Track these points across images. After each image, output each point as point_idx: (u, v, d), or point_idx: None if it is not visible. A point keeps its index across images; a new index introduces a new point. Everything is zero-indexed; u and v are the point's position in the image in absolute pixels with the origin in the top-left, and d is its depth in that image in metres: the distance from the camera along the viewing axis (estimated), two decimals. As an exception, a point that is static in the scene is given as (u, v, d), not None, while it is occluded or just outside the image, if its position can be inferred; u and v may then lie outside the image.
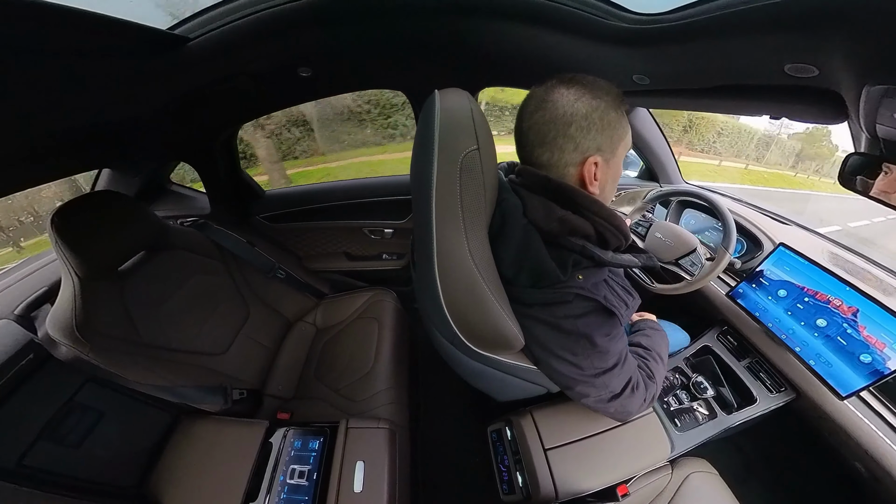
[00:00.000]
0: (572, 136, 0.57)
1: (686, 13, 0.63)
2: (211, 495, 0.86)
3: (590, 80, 0.59)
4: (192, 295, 1.15)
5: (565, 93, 0.57)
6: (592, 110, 0.56)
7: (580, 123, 0.56)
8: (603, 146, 0.58)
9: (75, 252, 0.85)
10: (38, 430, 0.75)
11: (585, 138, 0.57)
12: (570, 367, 0.64)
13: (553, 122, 0.57)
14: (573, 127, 0.56)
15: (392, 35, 0.92)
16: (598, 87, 0.58)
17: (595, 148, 0.58)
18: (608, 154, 0.59)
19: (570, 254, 0.57)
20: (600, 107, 0.57)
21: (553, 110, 0.57)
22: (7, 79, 0.53)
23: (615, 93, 0.59)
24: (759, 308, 0.94)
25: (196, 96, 0.96)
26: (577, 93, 0.57)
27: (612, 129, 0.58)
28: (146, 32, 0.66)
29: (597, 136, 0.57)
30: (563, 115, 0.56)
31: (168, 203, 1.52)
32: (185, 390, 0.97)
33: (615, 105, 0.58)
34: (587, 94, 0.57)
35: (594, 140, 0.57)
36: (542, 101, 0.58)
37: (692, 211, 1.24)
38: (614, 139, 0.59)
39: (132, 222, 1.00)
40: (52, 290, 0.95)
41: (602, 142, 0.58)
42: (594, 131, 0.57)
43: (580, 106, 0.56)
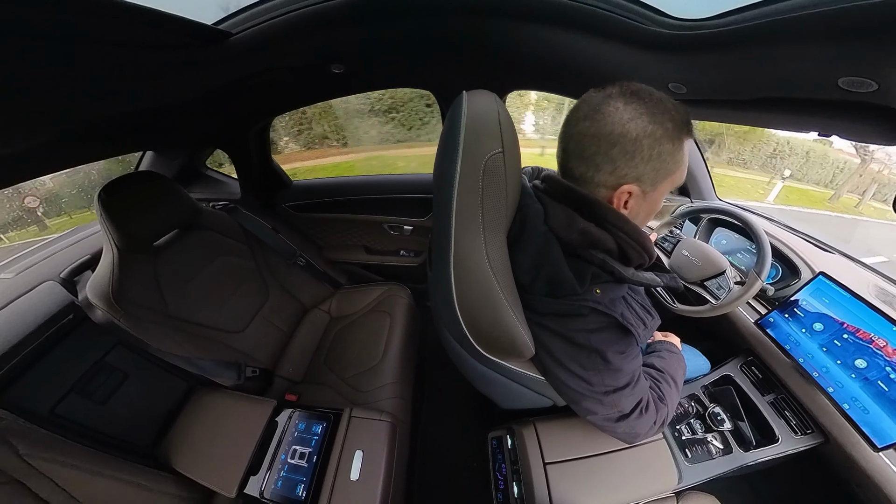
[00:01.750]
0: (613, 158, 0.52)
1: (730, 19, 0.59)
2: (217, 464, 0.91)
3: (656, 98, 0.52)
4: (218, 274, 1.22)
5: (621, 108, 0.51)
6: (644, 136, 0.51)
7: (625, 147, 0.51)
8: (644, 177, 0.53)
9: (117, 225, 0.93)
10: (71, 383, 0.83)
11: (627, 164, 0.52)
12: (579, 381, 0.62)
13: (596, 138, 0.53)
14: (617, 148, 0.52)
15: (423, 35, 0.93)
16: (661, 110, 0.51)
17: (634, 177, 0.53)
18: (647, 187, 0.55)
19: (589, 266, 0.56)
20: (655, 134, 0.51)
21: (601, 124, 0.52)
22: (68, 66, 0.58)
23: (680, 119, 0.52)
24: (790, 341, 0.87)
25: (234, 88, 1.02)
26: (634, 111, 0.51)
27: (660, 162, 0.52)
28: (194, 27, 0.70)
29: (640, 165, 0.52)
30: (610, 133, 0.51)
31: (202, 186, 1.62)
32: (203, 362, 1.03)
33: (674, 135, 0.52)
34: (645, 115, 0.51)
35: (636, 168, 0.53)
36: (594, 111, 0.54)
37: (724, 230, 1.17)
38: (660, 173, 0.54)
39: (169, 202, 1.08)
40: (95, 259, 1.05)
41: (644, 172, 0.53)
42: (638, 159, 0.52)
43: (632, 128, 0.51)
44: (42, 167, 0.89)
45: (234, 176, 1.60)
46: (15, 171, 0.82)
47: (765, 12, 0.54)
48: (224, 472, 0.89)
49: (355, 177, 1.71)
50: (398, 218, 1.63)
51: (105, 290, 0.91)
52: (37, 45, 0.49)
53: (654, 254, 0.62)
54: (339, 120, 6.14)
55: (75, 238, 1.19)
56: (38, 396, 0.78)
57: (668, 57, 0.72)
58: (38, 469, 0.68)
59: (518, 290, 0.62)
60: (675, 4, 0.70)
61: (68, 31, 0.50)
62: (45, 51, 0.51)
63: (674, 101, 0.54)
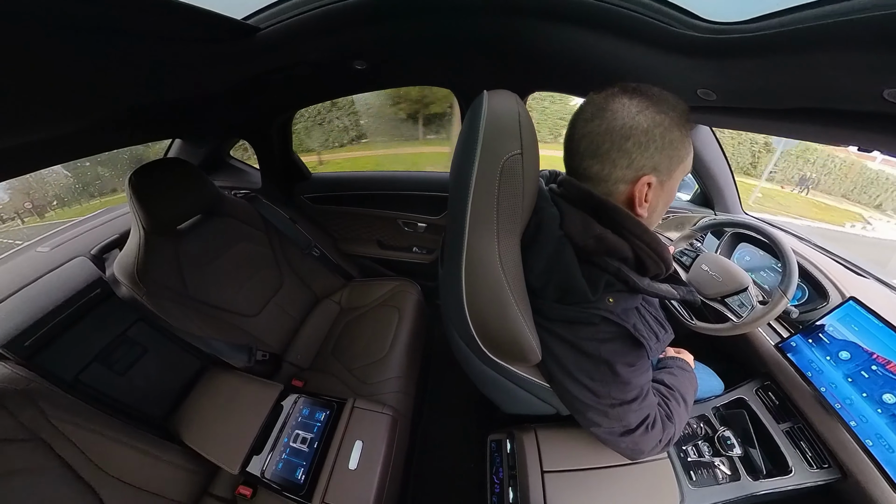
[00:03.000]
0: (628, 150, 0.53)
1: (767, 23, 0.56)
2: (223, 440, 0.95)
3: (655, 92, 0.54)
4: (236, 260, 1.26)
5: (627, 103, 0.53)
6: (654, 126, 0.52)
7: (639, 139, 0.52)
8: (660, 166, 0.54)
9: (145, 208, 0.98)
10: (95, 353, 0.89)
11: (642, 155, 0.53)
12: (585, 391, 0.60)
13: (609, 133, 0.53)
14: (630, 141, 0.52)
15: (446, 33, 0.93)
16: (664, 102, 0.53)
17: (651, 167, 0.54)
18: (664, 175, 0.55)
19: (603, 274, 0.54)
20: (664, 123, 0.52)
21: (611, 120, 0.53)
22: (110, 57, 0.62)
23: (682, 109, 0.54)
24: (812, 368, 0.82)
25: (260, 81, 1.05)
26: (639, 105, 0.53)
27: (672, 150, 0.53)
28: (224, 22, 0.73)
29: (655, 155, 0.53)
30: (622, 127, 0.52)
31: (226, 175, 1.69)
32: (217, 343, 1.08)
33: (680, 123, 0.53)
34: (651, 107, 0.52)
35: (651, 158, 0.53)
36: (601, 110, 0.54)
37: (748, 246, 1.11)
38: (673, 160, 0.54)
39: (194, 188, 1.13)
40: (123, 238, 1.11)
41: (660, 161, 0.54)
42: (653, 149, 0.53)
43: (641, 119, 0.52)
44: (83, 149, 0.95)
45: (256, 166, 1.66)
46: (63, 152, 0.89)
47: (804, 17, 0.51)
48: (229, 449, 0.93)
49: (373, 172, 1.74)
50: (413, 215, 1.64)
51: (130, 269, 0.96)
52: (83, 36, 0.52)
53: (672, 265, 0.60)
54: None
55: (106, 217, 1.27)
56: (64, 363, 0.84)
57: (698, 61, 0.68)
58: (61, 430, 0.73)
59: (529, 295, 0.61)
60: (708, 7, 0.67)
61: (112, 24, 0.53)
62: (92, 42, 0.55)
63: (672, 94, 0.55)
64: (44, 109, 0.66)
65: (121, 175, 2.08)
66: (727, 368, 1.00)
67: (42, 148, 0.79)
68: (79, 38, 0.52)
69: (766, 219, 1.19)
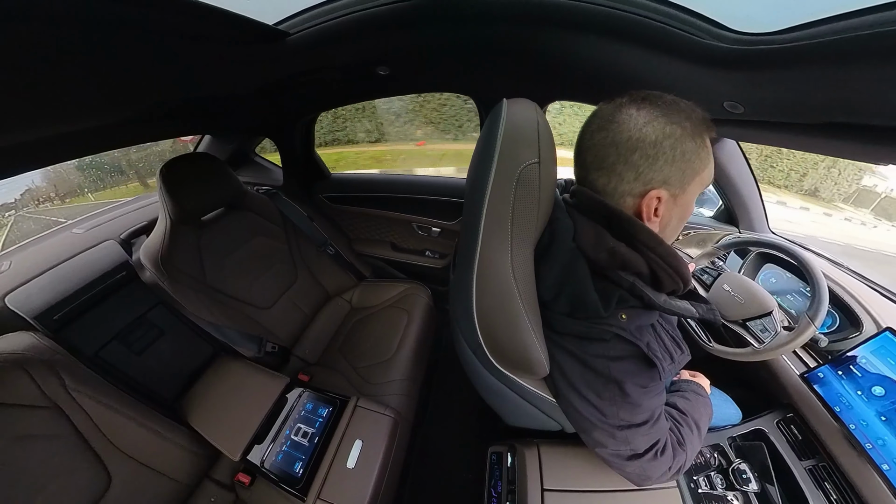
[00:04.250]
0: (635, 163, 0.51)
1: (799, 35, 0.53)
2: (227, 426, 0.97)
3: (668, 100, 0.52)
4: (253, 253, 1.31)
5: (634, 114, 0.51)
6: (664, 137, 0.49)
7: (646, 151, 0.50)
8: (671, 180, 0.51)
9: (173, 198, 1.04)
10: (115, 332, 0.94)
11: (650, 168, 0.51)
12: (592, 410, 0.58)
13: (615, 146, 0.52)
14: (637, 154, 0.50)
15: (470, 41, 0.94)
16: (677, 111, 0.50)
17: (661, 181, 0.51)
18: (676, 189, 0.52)
19: (616, 289, 0.52)
20: (674, 134, 0.50)
21: (617, 132, 0.51)
22: (150, 55, 0.66)
23: (698, 118, 0.51)
24: (841, 402, 0.76)
25: (287, 83, 1.10)
26: (648, 115, 0.50)
27: (685, 162, 0.51)
28: (257, 27, 0.77)
29: (665, 168, 0.51)
30: (628, 139, 0.50)
31: (250, 171, 1.76)
32: (229, 332, 1.12)
33: (695, 133, 0.51)
34: (661, 117, 0.50)
35: (661, 172, 0.51)
36: (608, 121, 0.53)
37: (774, 267, 1.05)
38: (687, 173, 0.52)
39: (219, 182, 1.18)
40: (150, 225, 1.17)
41: (671, 175, 0.51)
42: (662, 161, 0.50)
43: (649, 131, 0.50)
44: (120, 140, 1.02)
45: (278, 164, 1.72)
46: (101, 142, 0.95)
47: (840, 28, 0.48)
48: (232, 436, 0.95)
49: (391, 174, 1.77)
50: (428, 219, 1.65)
51: (155, 255, 1.02)
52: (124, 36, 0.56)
53: (690, 280, 0.57)
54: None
55: (138, 205, 1.35)
56: (87, 339, 0.89)
57: (726, 73, 0.66)
58: (78, 401, 0.77)
59: (540, 307, 0.60)
60: (738, 17, 0.65)
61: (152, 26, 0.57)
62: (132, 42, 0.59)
63: (687, 101, 0.52)
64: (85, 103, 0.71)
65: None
66: (746, 396, 0.94)
67: (82, 138, 0.85)
68: (120, 39, 0.56)
69: (794, 239, 1.12)
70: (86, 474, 0.76)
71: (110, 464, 0.79)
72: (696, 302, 0.60)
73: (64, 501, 0.72)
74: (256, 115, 1.39)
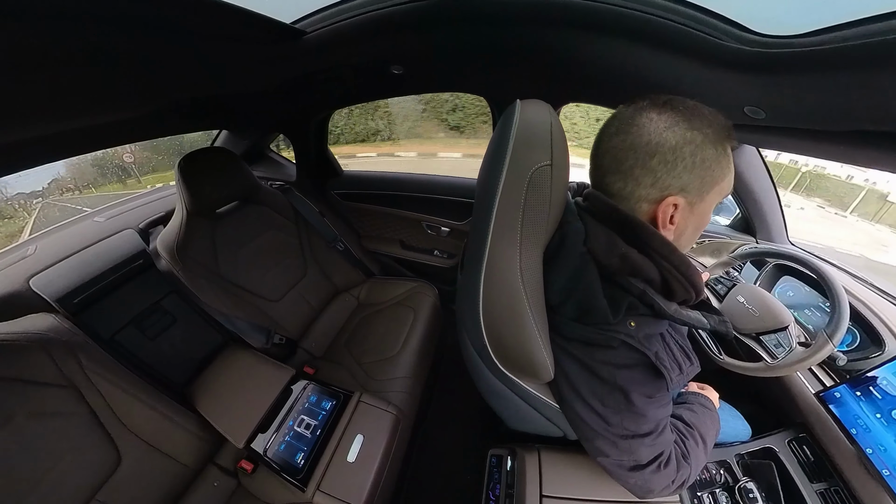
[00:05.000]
0: (652, 168, 0.50)
1: (826, 38, 0.51)
2: (233, 414, 0.99)
3: (690, 105, 0.51)
4: (265, 246, 1.34)
5: (655, 118, 0.50)
6: (684, 143, 0.49)
7: (665, 156, 0.49)
8: (689, 187, 0.50)
9: (189, 190, 1.07)
10: (131, 317, 0.98)
11: (668, 174, 0.50)
12: (595, 417, 0.57)
13: (633, 150, 0.51)
14: (655, 159, 0.49)
15: (484, 42, 0.94)
16: (699, 117, 0.50)
17: (678, 188, 0.50)
18: (694, 197, 0.51)
19: (626, 295, 0.51)
20: (695, 140, 0.49)
21: (636, 136, 0.50)
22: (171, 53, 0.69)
23: (720, 125, 0.50)
24: (858, 424, 0.72)
25: (302, 81, 1.12)
26: (669, 119, 0.49)
27: (705, 170, 0.50)
28: (273, 24, 0.79)
29: (683, 175, 0.50)
30: (647, 143, 0.50)
31: (264, 166, 1.80)
32: (239, 322, 1.14)
33: (717, 140, 0.50)
34: (682, 122, 0.49)
35: (679, 178, 0.50)
36: (627, 124, 0.52)
37: (792, 280, 1.01)
38: (706, 181, 0.51)
39: (234, 176, 1.22)
40: (167, 216, 1.22)
41: (689, 182, 0.50)
42: (681, 168, 0.49)
43: (670, 136, 0.49)
44: (142, 134, 1.06)
45: (292, 160, 1.76)
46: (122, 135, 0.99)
47: (869, 31, 0.46)
48: (237, 423, 0.97)
49: (403, 173, 1.77)
50: (437, 218, 1.65)
51: (171, 244, 1.05)
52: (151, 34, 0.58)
53: (703, 290, 0.55)
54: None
55: (157, 195, 1.40)
56: (104, 322, 0.93)
57: (748, 77, 0.64)
58: (93, 382, 0.81)
59: (547, 311, 0.60)
60: (761, 19, 0.63)
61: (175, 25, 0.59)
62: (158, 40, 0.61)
63: (710, 108, 0.51)
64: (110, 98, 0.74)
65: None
66: (756, 413, 0.91)
67: (106, 130, 0.89)
68: (145, 37, 0.58)
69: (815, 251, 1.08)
70: (97, 452, 0.79)
71: (121, 443, 0.82)
72: (708, 313, 0.58)
73: (76, 477, 0.75)
74: (272, 112, 1.42)
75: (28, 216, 1.71)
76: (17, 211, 1.65)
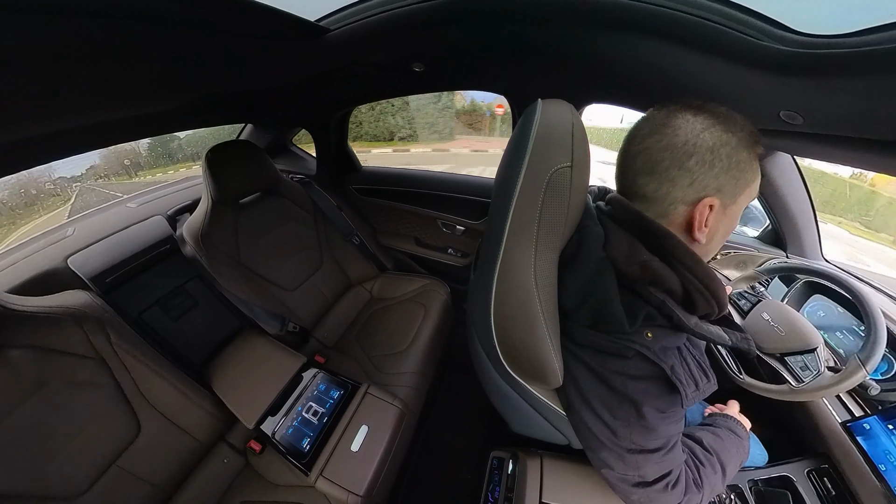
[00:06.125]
0: (690, 169, 0.49)
1: (875, 38, 0.47)
2: (245, 396, 1.04)
3: (722, 111, 0.50)
4: (284, 237, 1.38)
5: (691, 119, 0.50)
6: (721, 144, 0.48)
7: (703, 157, 0.48)
8: (725, 188, 0.50)
9: (215, 180, 1.12)
10: (156, 299, 1.04)
11: (706, 175, 0.49)
12: (603, 428, 0.55)
13: (670, 150, 0.50)
14: (694, 159, 0.49)
15: (507, 40, 0.92)
16: (732, 121, 0.50)
17: (715, 188, 0.50)
18: (728, 199, 0.51)
19: (644, 305, 0.50)
20: (731, 142, 0.48)
21: (673, 136, 0.50)
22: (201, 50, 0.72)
23: (750, 130, 0.50)
24: (888, 460, 0.67)
25: (325, 78, 1.14)
26: (705, 122, 0.49)
27: (739, 171, 0.49)
28: (298, 22, 0.81)
29: (720, 175, 0.49)
30: (685, 143, 0.49)
31: (286, 160, 1.86)
32: (256, 308, 1.19)
33: (748, 144, 0.49)
34: (718, 125, 0.49)
35: (716, 179, 0.49)
36: (661, 126, 0.51)
37: (824, 299, 0.93)
38: (740, 183, 0.50)
39: (258, 169, 1.26)
40: (194, 205, 1.28)
41: (725, 183, 0.49)
42: (718, 168, 0.49)
43: (707, 137, 0.48)
44: (175, 126, 1.12)
45: (313, 154, 1.80)
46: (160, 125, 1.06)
47: None
48: (249, 405, 1.01)
49: (420, 170, 1.78)
50: (453, 217, 1.65)
51: (196, 231, 1.11)
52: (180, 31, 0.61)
53: (726, 305, 0.53)
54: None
55: (186, 185, 1.48)
56: (132, 302, 0.99)
57: (786, 79, 0.60)
58: (120, 356, 0.86)
59: (560, 315, 0.58)
60: (801, 17, 0.58)
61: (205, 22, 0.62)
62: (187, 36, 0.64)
63: (739, 114, 0.51)
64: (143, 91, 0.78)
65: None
66: (775, 438, 0.86)
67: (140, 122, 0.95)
68: (176, 34, 0.61)
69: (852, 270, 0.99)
70: (120, 422, 0.85)
71: (141, 415, 0.88)
72: (730, 329, 0.56)
73: (100, 443, 0.81)
74: (295, 108, 1.46)
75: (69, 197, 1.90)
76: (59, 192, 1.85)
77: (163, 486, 0.89)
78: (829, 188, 2.79)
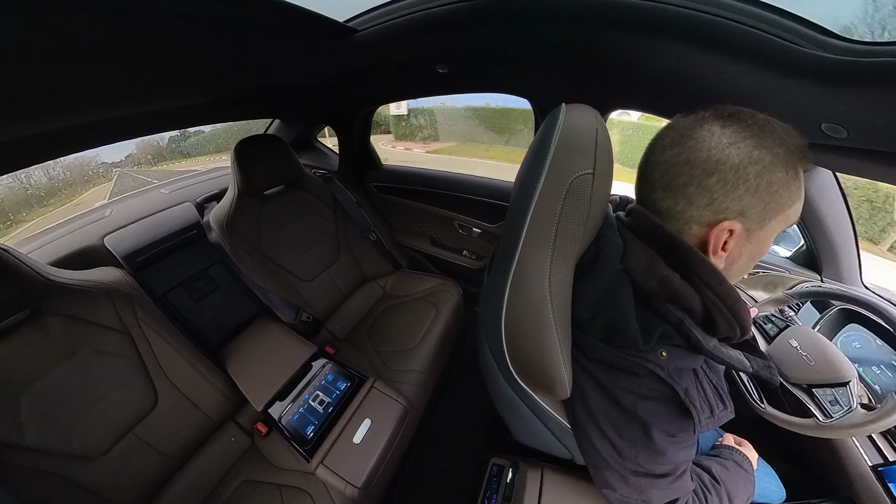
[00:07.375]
0: (709, 188, 0.44)
1: None
2: (257, 379, 1.08)
3: (760, 120, 0.45)
4: (304, 229, 1.43)
5: (718, 132, 0.45)
6: (750, 163, 0.43)
7: (725, 175, 0.43)
8: (749, 212, 0.45)
9: (242, 172, 1.18)
10: (181, 280, 1.10)
11: (727, 196, 0.44)
12: (608, 446, 0.53)
13: (689, 165, 0.45)
14: (714, 177, 0.44)
15: (529, 42, 0.91)
16: (769, 133, 0.44)
17: (737, 212, 0.45)
18: (753, 224, 0.46)
19: (661, 322, 0.47)
20: (763, 160, 0.43)
21: (694, 150, 0.45)
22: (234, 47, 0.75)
23: (793, 145, 0.44)
24: (925, 510, 0.61)
25: (351, 77, 1.17)
26: (734, 134, 0.44)
27: (771, 194, 0.44)
28: (327, 23, 0.83)
29: (745, 197, 0.44)
30: (706, 159, 0.44)
31: (310, 155, 1.91)
32: (272, 296, 1.24)
33: (788, 162, 0.43)
34: (749, 139, 0.43)
35: (739, 201, 0.44)
36: (684, 136, 0.47)
37: (861, 330, 0.86)
38: (770, 207, 0.45)
39: (283, 162, 1.32)
40: (221, 194, 1.35)
41: (750, 206, 0.44)
42: (742, 190, 0.44)
43: (733, 153, 0.43)
44: (206, 118, 1.18)
45: (336, 151, 1.85)
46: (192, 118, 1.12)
47: None
48: (259, 388, 1.05)
49: (440, 171, 1.79)
50: (470, 219, 1.65)
51: (221, 219, 1.17)
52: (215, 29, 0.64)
53: (749, 329, 0.49)
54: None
55: (215, 174, 1.56)
56: (158, 281, 1.06)
57: (829, 89, 0.55)
58: (144, 331, 0.92)
59: (572, 326, 0.57)
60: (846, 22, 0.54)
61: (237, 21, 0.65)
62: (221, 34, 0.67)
63: (784, 123, 0.45)
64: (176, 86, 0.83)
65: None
66: (795, 475, 0.80)
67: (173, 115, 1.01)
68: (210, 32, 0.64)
69: (894, 299, 0.91)
70: (139, 392, 0.90)
71: (159, 388, 0.93)
72: (752, 354, 0.52)
73: (120, 410, 0.87)
74: (321, 105, 1.51)
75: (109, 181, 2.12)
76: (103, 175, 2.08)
77: (172, 456, 0.94)
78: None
